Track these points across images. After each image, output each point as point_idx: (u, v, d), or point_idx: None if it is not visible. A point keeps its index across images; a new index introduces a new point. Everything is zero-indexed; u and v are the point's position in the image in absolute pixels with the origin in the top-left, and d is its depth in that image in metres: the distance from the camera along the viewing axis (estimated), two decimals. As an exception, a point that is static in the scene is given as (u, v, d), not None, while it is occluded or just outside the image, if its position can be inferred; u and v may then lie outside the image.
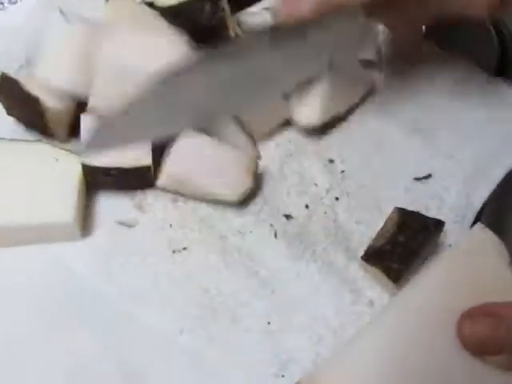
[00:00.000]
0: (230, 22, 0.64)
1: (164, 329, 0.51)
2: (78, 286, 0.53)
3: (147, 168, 0.56)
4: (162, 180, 0.57)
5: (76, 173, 0.56)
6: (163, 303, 0.52)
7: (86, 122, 0.56)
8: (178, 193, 0.58)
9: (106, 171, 0.56)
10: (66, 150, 0.58)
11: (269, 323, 0.51)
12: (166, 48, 0.58)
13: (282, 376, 0.48)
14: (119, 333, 0.51)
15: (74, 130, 0.60)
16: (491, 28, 0.68)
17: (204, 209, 0.58)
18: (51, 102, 0.58)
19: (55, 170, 0.56)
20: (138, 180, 0.58)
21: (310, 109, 0.63)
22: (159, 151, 0.57)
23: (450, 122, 0.66)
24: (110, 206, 0.58)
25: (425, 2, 0.54)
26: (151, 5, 0.64)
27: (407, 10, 0.55)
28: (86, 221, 0.57)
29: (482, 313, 0.40)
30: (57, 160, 0.56)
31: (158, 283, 0.53)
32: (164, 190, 0.58)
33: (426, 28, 0.70)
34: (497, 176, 0.63)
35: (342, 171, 0.62)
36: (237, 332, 0.51)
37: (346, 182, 0.61)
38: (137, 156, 0.56)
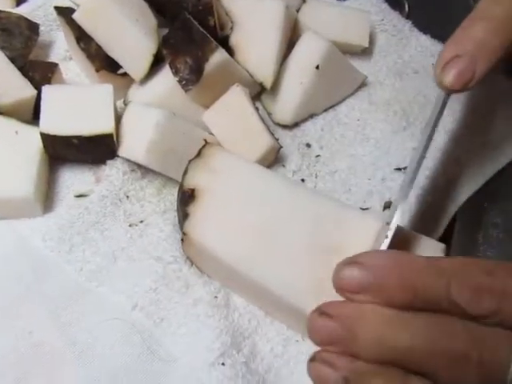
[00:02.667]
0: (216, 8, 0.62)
1: (119, 305, 0.49)
2: (38, 263, 0.51)
3: (109, 136, 0.54)
4: (141, 156, 0.54)
5: (37, 146, 0.54)
6: (120, 279, 0.51)
7: (47, 91, 0.55)
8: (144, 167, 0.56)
9: (67, 140, 0.53)
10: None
11: (216, 297, 0.49)
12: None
13: (223, 364, 0.46)
14: (76, 311, 0.49)
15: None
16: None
17: (160, 181, 0.57)
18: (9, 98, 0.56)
19: (15, 144, 0.54)
20: (100, 149, 0.55)
21: (284, 108, 0.62)
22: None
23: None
24: (72, 179, 0.57)
25: None
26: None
27: None
28: (47, 195, 0.55)
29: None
30: (17, 133, 0.55)
31: (116, 259, 0.52)
32: (124, 159, 0.56)
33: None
34: (489, 173, 0.59)
35: (317, 156, 0.60)
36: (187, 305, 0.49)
37: (318, 166, 0.59)
38: (99, 123, 0.54)
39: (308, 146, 0.60)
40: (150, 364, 0.47)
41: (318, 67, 0.60)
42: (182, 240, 0.49)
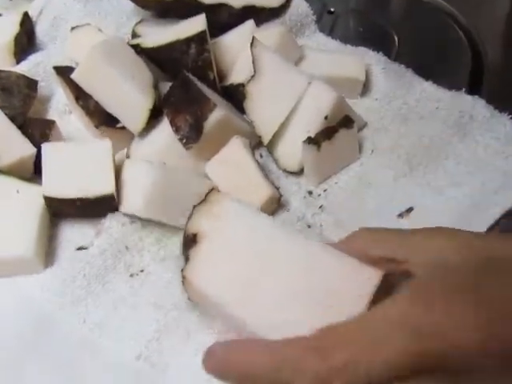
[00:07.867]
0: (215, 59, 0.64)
1: (122, 355, 0.49)
2: (40, 319, 0.51)
3: (111, 196, 0.55)
4: (140, 210, 0.55)
5: (38, 205, 0.55)
6: (123, 328, 0.51)
7: (47, 149, 0.56)
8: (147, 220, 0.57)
9: (71, 203, 0.54)
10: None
11: None
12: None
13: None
14: (80, 364, 0.49)
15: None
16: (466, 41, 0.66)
17: (159, 230, 0.57)
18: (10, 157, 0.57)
19: (16, 203, 0.55)
20: (101, 208, 0.56)
21: (291, 156, 0.62)
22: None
23: (445, 158, 0.63)
24: (72, 234, 0.57)
25: None
26: (137, 46, 0.64)
27: None
28: (48, 251, 0.56)
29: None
30: (18, 192, 0.55)
31: (118, 309, 0.52)
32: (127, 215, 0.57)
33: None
34: (493, 215, 0.58)
35: (321, 206, 0.60)
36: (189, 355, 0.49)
37: (324, 215, 0.59)
38: (101, 185, 0.55)
39: (310, 193, 0.61)
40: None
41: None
42: (183, 282, 0.49)
